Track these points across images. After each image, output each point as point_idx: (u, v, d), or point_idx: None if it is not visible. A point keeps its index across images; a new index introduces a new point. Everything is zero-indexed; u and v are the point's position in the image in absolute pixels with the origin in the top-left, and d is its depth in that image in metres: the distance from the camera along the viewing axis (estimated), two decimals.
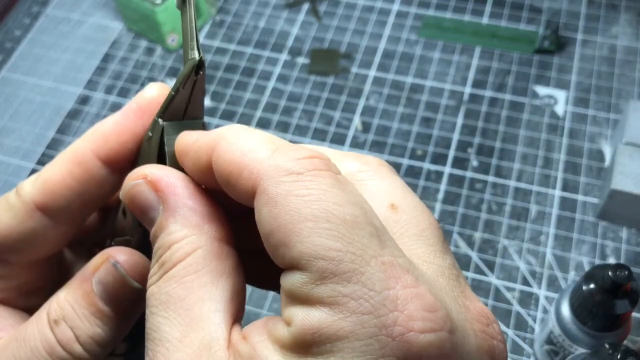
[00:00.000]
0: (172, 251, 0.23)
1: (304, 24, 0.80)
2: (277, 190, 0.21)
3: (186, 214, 0.24)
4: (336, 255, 0.19)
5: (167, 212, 0.24)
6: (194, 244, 0.23)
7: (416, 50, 0.77)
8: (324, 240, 0.19)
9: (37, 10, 0.86)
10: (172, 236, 0.23)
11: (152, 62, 0.78)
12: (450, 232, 0.62)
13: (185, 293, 0.22)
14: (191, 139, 0.25)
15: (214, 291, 0.22)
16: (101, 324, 0.26)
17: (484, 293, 0.59)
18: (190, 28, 0.25)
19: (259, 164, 0.21)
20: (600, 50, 0.75)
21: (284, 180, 0.21)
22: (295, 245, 0.20)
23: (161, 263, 0.23)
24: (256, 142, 0.23)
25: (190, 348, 0.21)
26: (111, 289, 0.26)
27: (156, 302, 0.23)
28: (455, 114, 0.71)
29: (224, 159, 0.23)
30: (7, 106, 0.76)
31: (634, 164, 0.59)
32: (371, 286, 0.19)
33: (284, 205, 0.20)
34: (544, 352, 0.52)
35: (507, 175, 0.66)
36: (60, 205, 0.27)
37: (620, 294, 0.45)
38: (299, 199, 0.20)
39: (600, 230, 0.62)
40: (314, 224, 0.20)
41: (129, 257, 0.26)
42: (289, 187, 0.21)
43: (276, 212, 0.20)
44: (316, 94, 0.74)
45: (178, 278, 0.23)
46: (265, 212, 0.21)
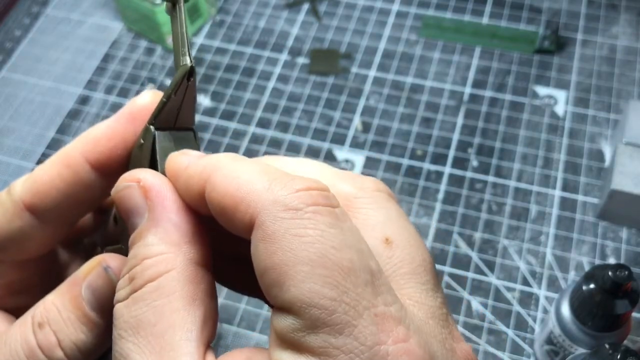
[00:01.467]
0: (143, 266, 0.23)
1: (304, 24, 0.80)
2: (275, 227, 0.20)
3: (168, 229, 0.23)
4: (330, 305, 0.19)
5: (150, 222, 0.23)
6: (168, 264, 0.23)
7: (416, 51, 0.77)
8: (318, 288, 0.19)
9: (37, 11, 0.86)
10: (147, 249, 0.23)
11: (152, 62, 0.78)
12: (451, 232, 0.62)
13: (156, 318, 0.22)
14: (182, 165, 0.24)
15: (186, 317, 0.22)
16: (86, 330, 0.26)
17: (484, 293, 0.59)
18: (182, 33, 0.25)
19: (256, 198, 0.21)
20: (600, 50, 0.75)
21: (282, 217, 0.20)
22: (289, 289, 0.19)
23: (131, 277, 0.23)
24: (252, 173, 0.22)
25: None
26: (100, 295, 0.26)
27: (125, 325, 0.22)
28: (455, 114, 0.71)
29: (218, 191, 0.22)
30: (7, 106, 0.76)
31: (634, 164, 0.59)
32: (363, 340, 0.19)
33: (281, 244, 0.20)
34: (544, 352, 0.52)
35: (507, 176, 0.66)
36: (48, 205, 0.27)
37: (620, 294, 0.45)
38: (297, 239, 0.20)
39: (600, 230, 0.62)
40: (310, 269, 0.19)
41: (121, 263, 0.26)
42: (287, 224, 0.20)
43: (272, 250, 0.20)
44: (316, 94, 0.74)
45: (149, 301, 0.22)
46: (261, 248, 0.20)
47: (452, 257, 0.61)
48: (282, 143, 0.70)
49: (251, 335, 0.58)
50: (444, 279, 0.60)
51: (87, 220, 0.32)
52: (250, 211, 0.21)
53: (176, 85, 0.25)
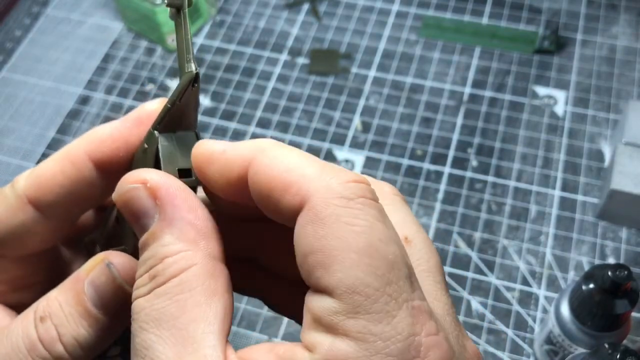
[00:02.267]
0: (165, 264, 0.23)
1: (304, 24, 0.81)
2: (327, 212, 0.21)
3: (183, 228, 0.23)
4: (373, 293, 0.20)
5: (163, 222, 0.24)
6: (189, 260, 0.23)
7: (416, 51, 0.77)
8: (364, 276, 0.20)
9: (38, 11, 0.86)
10: (167, 248, 0.23)
11: (152, 62, 0.78)
12: (450, 232, 0.62)
13: (179, 312, 0.22)
14: (218, 148, 0.25)
15: (208, 311, 0.22)
16: (87, 325, 0.26)
17: (483, 293, 0.59)
18: (186, 40, 0.25)
19: (308, 182, 0.21)
20: (600, 51, 0.75)
21: (335, 203, 0.21)
22: (335, 272, 0.20)
23: (152, 275, 0.23)
24: (302, 158, 0.22)
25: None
26: (102, 291, 0.26)
27: (147, 317, 0.22)
28: (455, 114, 0.71)
29: (265, 173, 0.22)
30: (7, 106, 0.76)
31: (633, 164, 0.59)
32: (400, 330, 0.20)
33: (332, 229, 0.20)
34: (544, 352, 0.52)
35: (507, 176, 0.66)
36: (51, 200, 0.27)
37: (620, 293, 0.45)
38: (348, 226, 0.20)
39: (599, 230, 0.62)
40: (358, 257, 0.20)
41: (124, 260, 0.26)
42: (339, 211, 0.21)
43: (323, 233, 0.20)
44: (316, 94, 0.74)
45: (171, 295, 0.22)
46: (310, 230, 0.21)
47: (451, 257, 0.61)
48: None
49: (251, 335, 0.58)
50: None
51: (88, 218, 0.32)
52: (301, 194, 0.21)
53: (181, 91, 0.25)
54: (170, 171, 0.26)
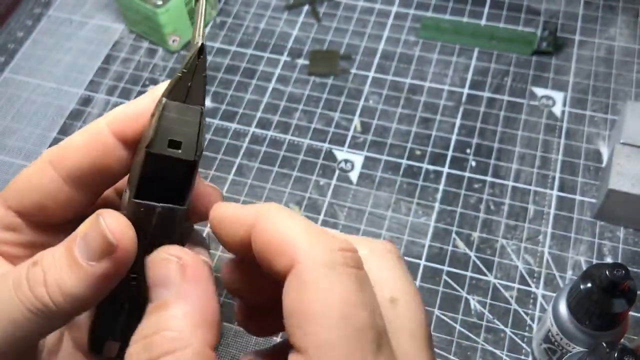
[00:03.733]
0: (163, 338, 0.24)
1: (303, 26, 0.81)
2: (309, 279, 0.23)
3: (192, 310, 0.25)
4: (339, 356, 0.22)
5: (178, 296, 0.25)
6: (187, 341, 0.24)
7: (415, 52, 0.77)
8: (334, 339, 0.22)
9: (40, 12, 0.87)
10: (170, 321, 0.25)
11: (154, 64, 0.79)
12: (449, 231, 0.63)
13: None
14: (228, 211, 0.27)
15: None
16: (71, 274, 0.27)
17: (482, 292, 0.59)
18: (200, 20, 0.29)
19: (297, 249, 0.24)
20: (598, 52, 0.75)
21: (316, 272, 0.23)
22: (308, 334, 0.22)
23: (149, 344, 0.24)
24: (296, 225, 0.25)
25: None
26: (90, 243, 0.27)
27: None
28: (453, 114, 0.71)
29: (263, 238, 0.25)
30: (9, 107, 0.77)
31: (631, 164, 0.60)
32: None
33: (311, 296, 0.23)
34: (542, 351, 0.53)
35: (505, 176, 0.66)
36: (74, 169, 0.30)
37: (618, 293, 0.45)
38: (325, 294, 0.23)
39: (597, 230, 0.62)
40: (332, 322, 0.22)
41: (116, 217, 0.28)
42: (320, 279, 0.23)
43: (302, 298, 0.23)
44: (316, 95, 0.74)
45: None
46: (292, 294, 0.23)
47: (450, 257, 0.61)
48: (282, 143, 0.70)
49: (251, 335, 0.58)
50: (442, 278, 0.60)
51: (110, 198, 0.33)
52: (290, 259, 0.24)
53: (188, 60, 0.28)
54: (161, 139, 0.28)
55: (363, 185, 0.66)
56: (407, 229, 0.63)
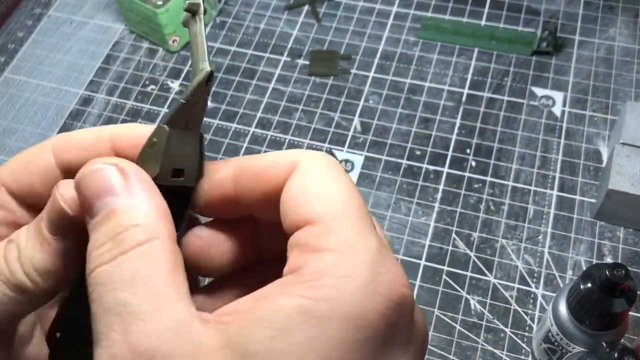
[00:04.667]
0: (132, 232, 0.24)
1: (303, 26, 0.81)
2: (311, 169, 0.26)
3: (149, 207, 0.25)
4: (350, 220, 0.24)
5: (130, 198, 0.25)
6: (155, 232, 0.25)
7: (415, 52, 0.77)
8: (343, 208, 0.25)
9: (40, 12, 0.87)
10: (133, 218, 0.25)
11: (154, 64, 0.79)
12: (449, 231, 0.63)
13: (149, 273, 0.23)
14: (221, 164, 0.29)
15: (176, 278, 0.24)
16: (41, 249, 0.27)
17: (482, 292, 0.59)
18: (201, 42, 0.27)
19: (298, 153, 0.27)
20: (598, 52, 0.76)
21: (316, 164, 0.26)
22: (320, 204, 0.25)
23: (118, 241, 0.24)
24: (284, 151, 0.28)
25: (166, 320, 0.22)
26: (52, 216, 0.27)
27: (119, 278, 0.23)
28: (453, 114, 0.71)
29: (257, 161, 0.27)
30: (9, 107, 0.77)
31: (630, 164, 0.60)
32: (372, 244, 0.24)
33: (317, 178, 0.25)
34: (542, 351, 0.53)
35: (505, 176, 0.66)
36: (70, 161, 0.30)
37: (617, 293, 0.45)
38: (329, 177, 0.26)
39: (597, 230, 0.62)
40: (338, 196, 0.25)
41: (69, 184, 0.27)
42: (323, 169, 0.26)
43: (309, 181, 0.25)
44: (316, 95, 0.74)
45: (141, 258, 0.24)
46: (298, 180, 0.26)
47: (450, 257, 0.61)
48: (282, 144, 0.70)
49: None
50: (442, 278, 0.60)
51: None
52: (292, 161, 0.26)
53: (196, 87, 0.27)
54: (165, 169, 0.28)
55: (363, 185, 0.67)
56: (407, 229, 0.63)
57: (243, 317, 0.23)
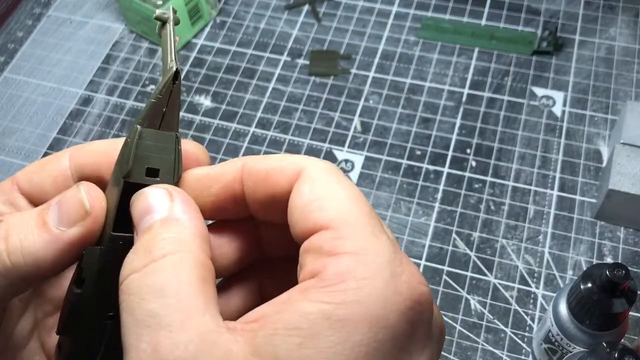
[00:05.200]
0: (164, 243, 0.25)
1: (303, 26, 0.81)
2: (318, 175, 0.27)
3: (188, 225, 0.26)
4: (362, 223, 0.25)
5: (171, 216, 0.26)
6: (187, 245, 0.25)
7: (415, 52, 0.77)
8: (354, 212, 0.25)
9: (39, 12, 0.87)
10: (168, 229, 0.26)
11: (153, 63, 0.79)
12: (449, 231, 0.63)
13: (178, 284, 0.24)
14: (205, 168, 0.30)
15: (205, 289, 0.24)
16: (38, 236, 0.27)
17: (482, 292, 0.59)
18: (170, 46, 0.29)
19: (302, 160, 0.27)
20: (598, 52, 0.75)
21: (324, 171, 0.27)
22: (331, 210, 0.25)
23: (148, 251, 0.25)
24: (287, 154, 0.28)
25: (194, 331, 0.23)
26: (65, 208, 0.28)
27: (148, 289, 0.24)
28: (454, 114, 0.71)
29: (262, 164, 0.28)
30: (9, 107, 0.77)
31: (631, 164, 0.60)
32: (386, 245, 0.25)
33: (324, 184, 0.26)
34: (542, 351, 0.53)
35: (505, 176, 0.66)
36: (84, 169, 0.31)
37: (618, 293, 0.45)
38: (336, 183, 0.26)
39: (597, 230, 0.62)
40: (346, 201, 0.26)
41: (94, 188, 0.28)
42: (328, 175, 0.27)
43: (316, 188, 0.26)
44: (316, 95, 0.74)
45: (171, 269, 0.24)
46: (306, 187, 0.26)
47: (450, 257, 0.61)
48: (282, 143, 0.70)
49: None
50: (442, 278, 0.60)
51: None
52: (296, 168, 0.27)
53: (163, 86, 0.28)
54: (139, 168, 0.28)
55: (363, 185, 0.66)
56: (407, 229, 0.63)
57: (268, 325, 0.23)
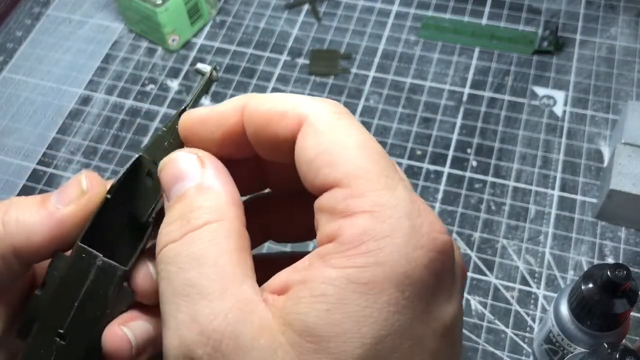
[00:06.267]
0: (201, 212, 0.25)
1: (303, 25, 0.81)
2: (324, 123, 0.25)
3: (222, 191, 0.26)
4: (375, 176, 0.24)
5: (204, 184, 0.26)
6: (223, 213, 0.25)
7: (416, 51, 0.77)
8: (365, 164, 0.24)
9: (38, 11, 0.86)
10: (204, 199, 0.25)
11: (153, 63, 0.79)
12: (450, 231, 0.63)
13: (217, 253, 0.24)
14: (205, 110, 0.28)
15: (243, 258, 0.24)
16: (34, 212, 0.28)
17: (483, 292, 0.59)
18: (197, 95, 0.31)
19: (302, 106, 0.26)
20: (599, 51, 0.75)
21: (329, 117, 0.25)
22: (341, 165, 0.24)
23: (186, 220, 0.25)
24: (290, 98, 0.26)
25: (232, 301, 0.23)
26: (66, 190, 0.28)
27: (186, 258, 0.24)
28: (454, 114, 0.71)
29: (262, 107, 0.26)
30: (8, 107, 0.76)
31: (632, 164, 0.60)
32: (403, 198, 0.24)
33: (331, 135, 0.25)
34: (543, 351, 0.53)
35: (506, 176, 0.66)
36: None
37: (619, 293, 0.45)
38: (343, 131, 0.25)
39: (598, 230, 0.62)
40: (356, 152, 0.24)
41: (95, 174, 0.29)
42: (334, 122, 0.25)
43: (322, 139, 0.25)
44: (316, 95, 0.74)
45: (209, 238, 0.24)
46: (311, 140, 0.25)
47: None
48: None
49: None
50: None
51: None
52: (298, 115, 0.25)
53: (170, 122, 0.30)
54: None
55: None
56: None
57: (294, 294, 0.23)
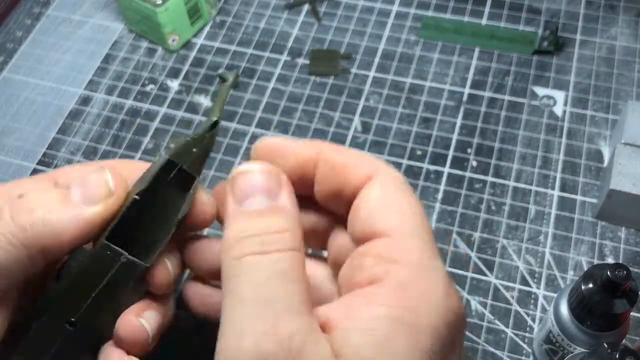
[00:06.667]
0: (278, 237, 0.27)
1: (303, 25, 0.81)
2: (392, 183, 0.29)
3: (294, 216, 0.28)
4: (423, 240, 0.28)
5: (283, 206, 0.28)
6: (298, 242, 0.28)
7: (416, 51, 0.77)
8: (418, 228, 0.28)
9: (39, 11, 0.86)
10: (286, 225, 0.28)
11: (153, 63, 0.79)
12: (450, 231, 0.63)
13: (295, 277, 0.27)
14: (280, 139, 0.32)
15: (308, 288, 0.27)
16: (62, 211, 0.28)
17: (483, 292, 0.59)
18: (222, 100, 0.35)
19: (375, 164, 0.30)
20: (599, 51, 0.75)
21: (395, 181, 0.29)
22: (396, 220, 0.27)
23: (265, 240, 0.27)
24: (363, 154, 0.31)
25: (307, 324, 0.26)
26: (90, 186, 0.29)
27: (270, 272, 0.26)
28: (454, 114, 0.71)
29: (340, 155, 0.30)
30: (8, 107, 0.76)
31: (632, 164, 0.60)
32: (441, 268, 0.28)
33: (395, 194, 0.28)
34: (543, 351, 0.53)
35: (506, 176, 0.66)
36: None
37: (619, 293, 0.45)
38: (406, 194, 0.29)
39: (598, 230, 0.62)
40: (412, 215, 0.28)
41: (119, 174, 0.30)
42: (399, 185, 0.29)
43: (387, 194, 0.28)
44: (316, 95, 0.74)
45: (290, 262, 0.27)
46: (378, 192, 0.28)
47: (451, 257, 0.61)
48: None
49: None
50: None
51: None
52: (370, 170, 0.29)
53: (200, 131, 0.32)
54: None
55: None
56: None
57: (344, 325, 0.25)
